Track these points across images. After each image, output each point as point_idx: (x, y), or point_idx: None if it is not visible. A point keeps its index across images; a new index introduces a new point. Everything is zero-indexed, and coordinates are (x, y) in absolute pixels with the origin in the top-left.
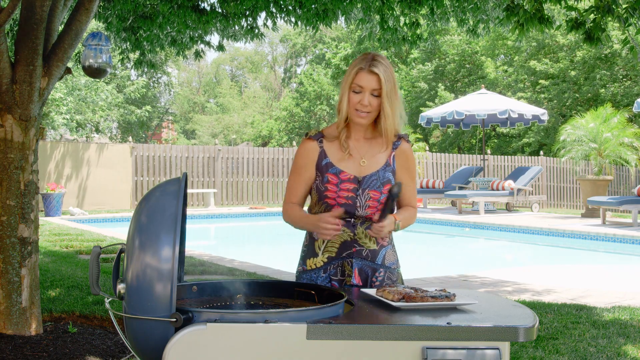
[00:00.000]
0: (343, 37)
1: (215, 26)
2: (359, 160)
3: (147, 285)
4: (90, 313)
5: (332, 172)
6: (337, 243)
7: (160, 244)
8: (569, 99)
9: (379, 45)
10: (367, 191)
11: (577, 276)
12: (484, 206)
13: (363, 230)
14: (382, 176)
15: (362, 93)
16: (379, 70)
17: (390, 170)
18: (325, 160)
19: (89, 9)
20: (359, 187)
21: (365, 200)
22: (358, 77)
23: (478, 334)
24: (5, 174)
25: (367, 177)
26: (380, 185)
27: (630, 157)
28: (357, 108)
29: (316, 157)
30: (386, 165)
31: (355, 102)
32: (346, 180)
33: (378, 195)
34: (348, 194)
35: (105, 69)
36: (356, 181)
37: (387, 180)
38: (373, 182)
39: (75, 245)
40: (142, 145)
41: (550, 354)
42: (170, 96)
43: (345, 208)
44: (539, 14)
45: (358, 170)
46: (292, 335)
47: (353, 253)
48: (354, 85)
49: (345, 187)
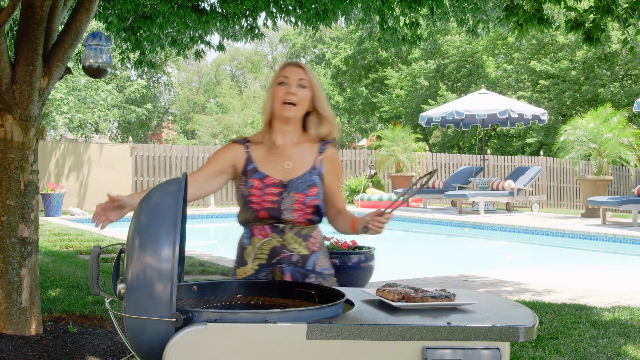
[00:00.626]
0: (343, 37)
1: (215, 26)
2: (284, 163)
3: (147, 285)
4: (90, 313)
5: (256, 177)
6: (266, 249)
7: (161, 244)
8: (569, 98)
9: (379, 45)
10: (292, 194)
11: (577, 276)
12: (484, 206)
13: (292, 235)
14: (308, 179)
15: (287, 83)
16: (302, 64)
17: (317, 174)
18: (251, 165)
19: (89, 9)
20: (284, 191)
21: (291, 203)
22: (283, 70)
23: (478, 334)
24: (5, 174)
25: (293, 180)
26: (306, 188)
27: (630, 157)
28: (283, 99)
29: (242, 160)
30: (313, 169)
31: (281, 94)
32: (271, 184)
33: (303, 198)
34: (273, 198)
35: (105, 69)
36: (281, 185)
37: (313, 183)
38: (299, 185)
39: (75, 245)
40: (142, 145)
41: (550, 354)
42: (170, 96)
43: (271, 212)
44: (538, 14)
45: (283, 173)
46: (292, 335)
47: (283, 259)
48: (280, 78)
49: (270, 192)
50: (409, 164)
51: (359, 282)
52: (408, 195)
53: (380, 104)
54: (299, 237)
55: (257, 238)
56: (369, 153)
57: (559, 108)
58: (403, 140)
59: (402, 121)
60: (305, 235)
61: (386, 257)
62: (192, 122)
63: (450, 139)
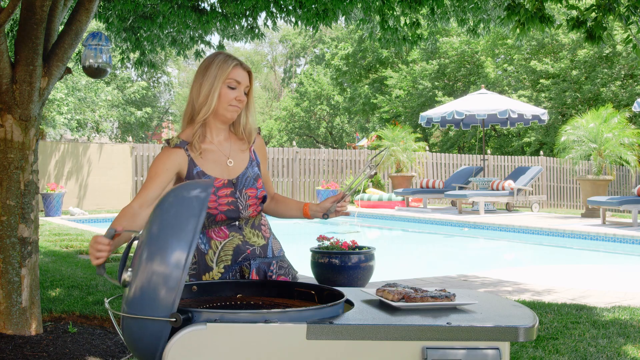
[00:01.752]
0: (343, 37)
1: (215, 26)
2: (225, 161)
3: (153, 286)
4: (90, 313)
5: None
6: (229, 250)
7: (172, 252)
8: (569, 98)
9: (380, 45)
10: (244, 191)
11: (577, 276)
12: (484, 206)
13: (249, 229)
14: (252, 172)
15: (237, 89)
16: (249, 68)
17: (256, 165)
18: (196, 169)
19: (89, 9)
20: (236, 190)
21: (246, 200)
22: (234, 73)
23: (478, 333)
24: (5, 174)
25: (239, 177)
26: (253, 182)
27: (630, 157)
28: (232, 104)
29: (185, 165)
30: (251, 161)
31: (230, 98)
32: (221, 186)
33: (255, 192)
34: (228, 200)
35: (105, 69)
36: (231, 184)
37: (257, 174)
38: (247, 180)
39: (75, 245)
40: (142, 145)
41: (550, 354)
42: (170, 96)
43: (229, 214)
44: (540, 13)
45: (227, 172)
46: (292, 335)
47: (248, 255)
48: (230, 80)
49: (223, 194)
50: (409, 164)
51: (359, 282)
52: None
53: (380, 104)
54: (254, 229)
55: (217, 241)
56: (369, 153)
57: (559, 108)
58: (403, 140)
59: (402, 121)
60: (258, 226)
61: (386, 257)
62: None
63: (450, 139)
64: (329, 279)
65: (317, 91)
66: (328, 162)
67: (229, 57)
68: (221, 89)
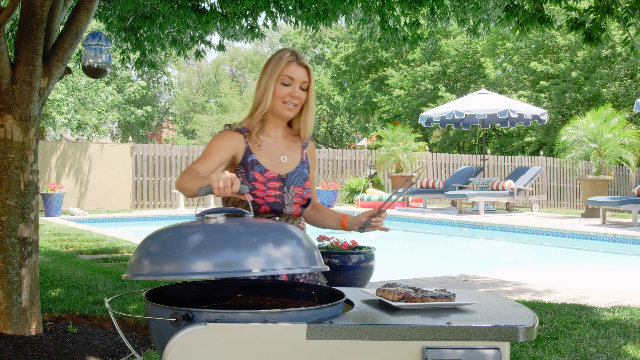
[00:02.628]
0: (343, 37)
1: (215, 26)
2: (279, 157)
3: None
4: (90, 313)
5: (257, 170)
6: None
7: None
8: (569, 98)
9: (380, 45)
10: (292, 188)
11: (577, 276)
12: (484, 206)
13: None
14: (301, 172)
15: (291, 85)
16: (307, 64)
17: (306, 167)
18: (251, 157)
19: (89, 9)
20: (284, 185)
21: (292, 197)
22: (288, 69)
23: (478, 334)
24: (5, 174)
25: (289, 174)
26: (302, 181)
27: (630, 157)
28: (285, 100)
29: (242, 151)
30: (302, 162)
31: (284, 94)
32: (272, 178)
33: (301, 191)
34: (276, 192)
35: (105, 69)
36: (280, 179)
37: (306, 176)
38: (296, 178)
39: (75, 245)
40: (142, 145)
41: (550, 354)
42: (170, 96)
43: (273, 207)
44: (539, 14)
45: (279, 167)
46: (292, 335)
47: None
48: (284, 77)
49: (272, 186)
50: (409, 164)
51: (359, 282)
52: (400, 195)
53: (380, 103)
54: None
55: None
56: (369, 153)
57: (559, 108)
58: (403, 140)
59: (402, 121)
60: (296, 227)
61: (386, 257)
62: (192, 122)
63: (450, 139)
64: (329, 279)
65: (317, 91)
66: (328, 162)
67: (287, 53)
68: (275, 86)
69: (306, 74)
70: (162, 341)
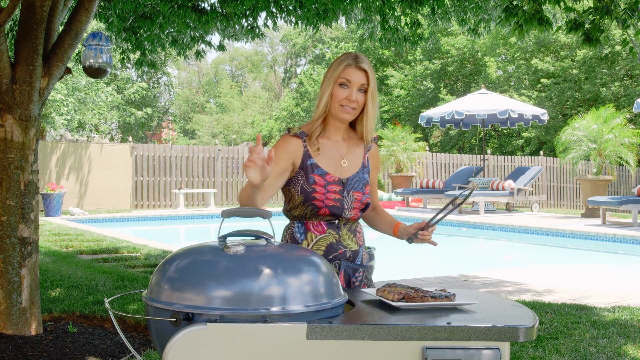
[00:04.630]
0: (343, 37)
1: (215, 26)
2: (340, 161)
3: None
4: (90, 313)
5: (317, 173)
6: (323, 246)
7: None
8: (569, 98)
9: (380, 45)
10: (351, 193)
11: (577, 276)
12: (484, 206)
13: (346, 231)
14: (362, 177)
15: (349, 88)
16: (366, 67)
17: (367, 172)
18: (310, 161)
19: (89, 9)
20: (344, 189)
21: (351, 202)
22: (346, 72)
23: (478, 334)
24: (5, 174)
25: (350, 178)
26: (362, 186)
27: (630, 157)
28: (342, 104)
29: (300, 155)
30: (363, 167)
31: (341, 98)
32: (332, 182)
33: (361, 197)
34: (335, 196)
35: (106, 69)
36: (340, 183)
37: (366, 181)
38: (356, 183)
39: (75, 245)
40: (142, 145)
41: (550, 354)
42: (170, 96)
43: (333, 210)
44: (538, 15)
45: (340, 171)
46: (292, 335)
47: (339, 255)
48: (342, 80)
49: (332, 189)
50: (409, 163)
51: None
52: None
53: (380, 104)
54: (350, 232)
55: (313, 234)
56: None
57: (559, 107)
58: (403, 140)
59: (402, 121)
60: (354, 231)
61: (386, 257)
62: (192, 122)
63: (450, 139)
64: None
65: (317, 91)
66: None
67: (347, 56)
68: (333, 89)
69: (365, 77)
70: (162, 341)
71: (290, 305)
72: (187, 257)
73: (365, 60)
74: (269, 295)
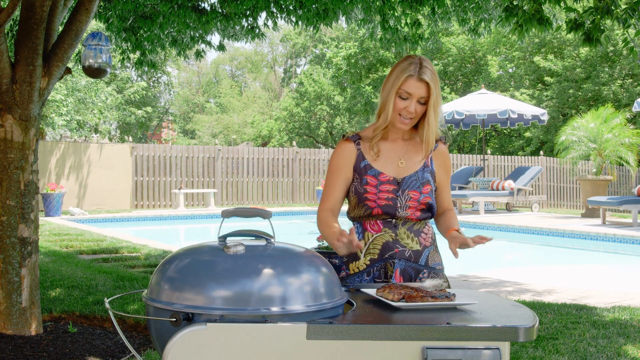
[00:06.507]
0: (343, 37)
1: (215, 26)
2: (397, 161)
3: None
4: (90, 313)
5: (370, 174)
6: (378, 245)
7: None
8: (570, 97)
9: (380, 45)
10: (407, 192)
11: (577, 276)
12: (484, 206)
13: (405, 230)
14: (421, 177)
15: (409, 100)
16: (428, 79)
17: (429, 172)
18: (364, 162)
19: (89, 9)
20: (399, 189)
21: (406, 200)
22: (407, 84)
23: (478, 334)
24: (5, 174)
25: (406, 178)
26: (420, 185)
27: (630, 157)
28: (401, 114)
29: (354, 158)
30: (424, 167)
31: (400, 108)
32: (385, 181)
33: (418, 196)
34: (388, 195)
35: (105, 69)
36: (395, 182)
37: (427, 180)
38: (412, 182)
39: (75, 245)
40: (142, 145)
41: (550, 354)
42: (170, 96)
43: (386, 210)
44: (538, 15)
45: (396, 171)
46: (292, 335)
47: (395, 254)
48: (402, 91)
49: (385, 189)
50: None
51: None
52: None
53: None
54: (411, 232)
55: (370, 233)
56: None
57: (560, 107)
58: None
59: None
60: (417, 231)
61: None
62: (192, 122)
63: (451, 139)
64: None
65: (317, 91)
66: (328, 162)
67: (409, 66)
68: (395, 99)
69: (425, 90)
70: (162, 341)
71: (290, 305)
72: (187, 257)
73: (429, 68)
74: (269, 295)
